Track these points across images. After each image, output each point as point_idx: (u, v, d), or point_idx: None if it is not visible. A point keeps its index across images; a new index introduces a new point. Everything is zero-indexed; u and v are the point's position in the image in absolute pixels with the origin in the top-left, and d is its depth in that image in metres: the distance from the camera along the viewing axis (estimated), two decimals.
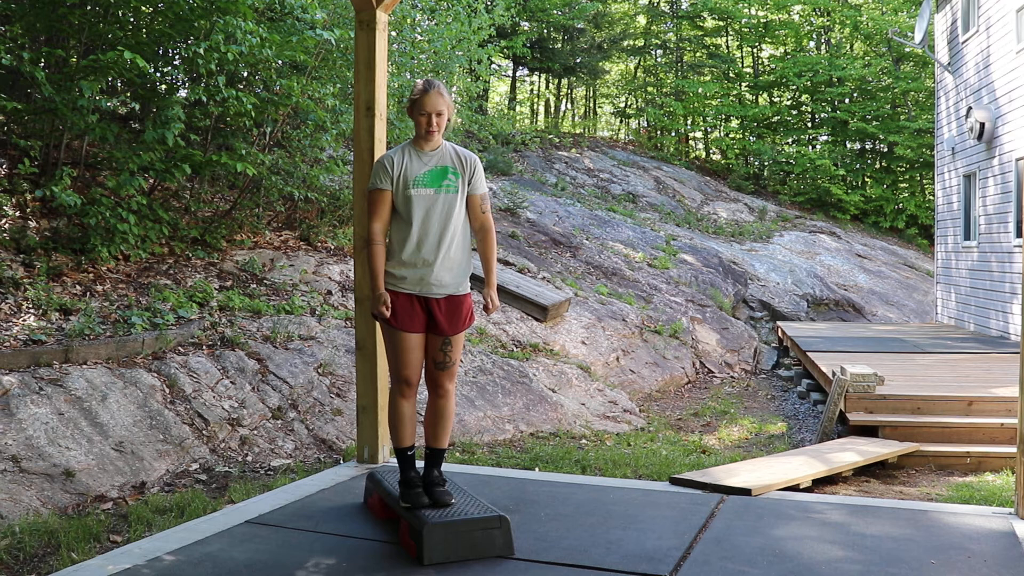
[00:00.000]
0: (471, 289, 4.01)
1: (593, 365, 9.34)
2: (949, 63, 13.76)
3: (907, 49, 22.81)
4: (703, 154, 27.22)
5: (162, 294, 7.13)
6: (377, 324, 4.76)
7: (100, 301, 6.81)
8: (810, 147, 24.95)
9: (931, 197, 22.35)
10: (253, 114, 8.19)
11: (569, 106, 30.12)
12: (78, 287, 6.93)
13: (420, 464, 4.07)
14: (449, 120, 3.84)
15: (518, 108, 27.40)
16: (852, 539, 3.92)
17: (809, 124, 25.85)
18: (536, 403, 7.69)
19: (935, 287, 14.68)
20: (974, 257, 12.35)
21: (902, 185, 24.06)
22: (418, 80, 3.84)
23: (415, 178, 3.78)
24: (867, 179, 23.58)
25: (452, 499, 3.78)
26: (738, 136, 26.03)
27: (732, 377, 10.97)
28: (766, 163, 24.90)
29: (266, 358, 6.78)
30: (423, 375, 3.93)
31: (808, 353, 9.36)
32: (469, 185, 3.88)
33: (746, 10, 25.27)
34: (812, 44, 26.81)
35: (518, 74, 26.38)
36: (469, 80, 13.91)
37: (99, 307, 6.68)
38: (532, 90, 29.18)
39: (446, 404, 3.93)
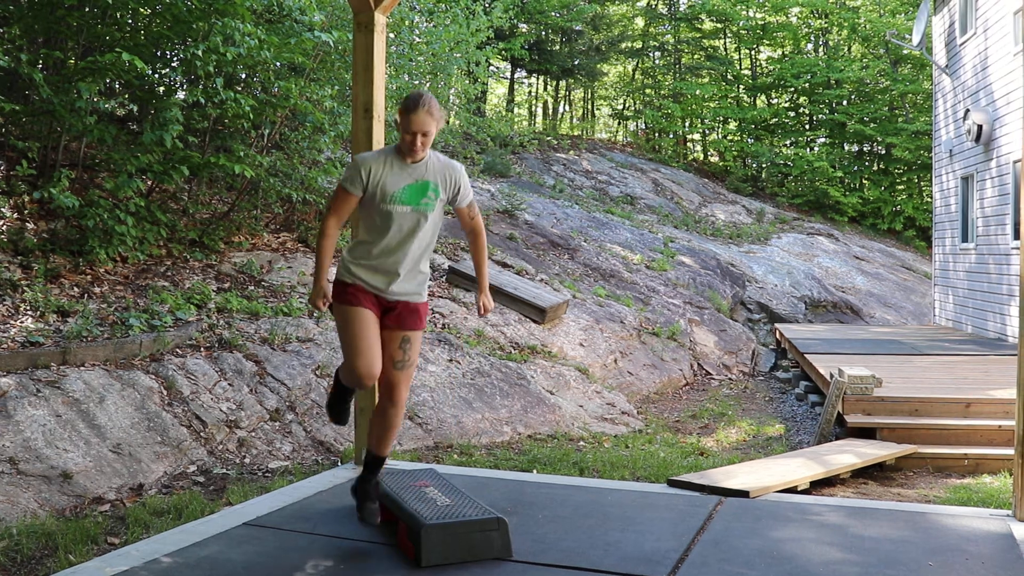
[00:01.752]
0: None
1: (591, 367, 9.34)
2: (947, 65, 13.78)
3: (905, 51, 22.85)
4: (701, 156, 27.24)
5: (160, 296, 7.13)
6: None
7: (98, 303, 6.80)
8: (808, 149, 24.97)
9: (929, 199, 22.37)
10: (251, 116, 8.19)
11: (567, 108, 30.13)
12: (76, 289, 6.93)
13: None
14: (438, 129, 3.69)
15: (516, 110, 27.41)
16: (850, 541, 3.92)
17: (807, 126, 25.88)
18: (534, 405, 7.69)
19: (933, 289, 14.70)
20: (972, 259, 12.37)
21: (900, 187, 24.09)
22: (410, 94, 3.67)
23: (393, 193, 3.62)
24: (865, 181, 23.60)
25: (378, 520, 3.78)
26: (736, 138, 26.05)
27: (730, 379, 10.97)
28: (764, 165, 24.92)
29: (264, 360, 6.78)
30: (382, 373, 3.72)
31: (806, 355, 9.36)
32: (454, 200, 3.77)
33: (744, 12, 25.30)
34: (810, 46, 26.84)
35: (516, 76, 26.39)
36: (467, 82, 13.92)
37: (97, 309, 6.67)
38: (530, 92, 29.20)
39: (396, 414, 3.75)
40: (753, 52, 27.55)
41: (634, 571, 3.51)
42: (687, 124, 26.25)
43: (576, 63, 24.32)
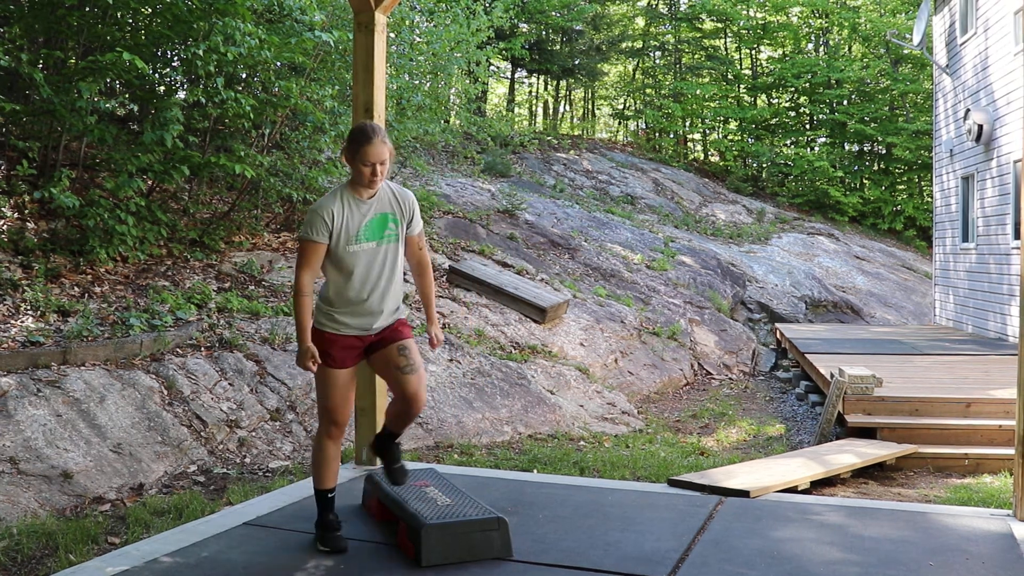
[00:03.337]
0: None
1: (591, 367, 9.34)
2: (947, 65, 13.78)
3: (905, 51, 22.84)
4: (701, 156, 27.23)
5: (160, 296, 7.13)
6: None
7: (98, 303, 6.80)
8: (808, 149, 24.96)
9: (929, 199, 22.36)
10: (252, 116, 8.19)
11: (568, 108, 30.13)
12: (76, 289, 6.93)
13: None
14: (392, 158, 3.64)
15: (516, 110, 27.41)
16: (850, 541, 3.92)
17: (807, 126, 25.87)
18: (534, 405, 7.69)
19: (933, 289, 14.69)
20: (972, 259, 12.37)
21: (900, 187, 24.08)
22: (357, 125, 3.61)
23: (356, 233, 3.58)
24: (865, 181, 23.60)
25: (407, 477, 3.81)
26: (736, 138, 26.05)
27: (730, 379, 10.97)
28: (764, 165, 24.91)
29: (264, 360, 6.78)
30: (393, 388, 3.74)
31: (806, 355, 9.36)
32: (408, 227, 3.74)
33: (744, 12, 25.29)
34: (810, 46, 26.82)
35: (516, 76, 26.38)
36: (467, 82, 13.92)
37: (97, 309, 6.67)
38: (531, 92, 29.19)
39: (416, 412, 3.73)
40: (753, 52, 27.54)
41: (634, 571, 3.51)
42: (687, 124, 26.25)
43: (576, 63, 24.31)
